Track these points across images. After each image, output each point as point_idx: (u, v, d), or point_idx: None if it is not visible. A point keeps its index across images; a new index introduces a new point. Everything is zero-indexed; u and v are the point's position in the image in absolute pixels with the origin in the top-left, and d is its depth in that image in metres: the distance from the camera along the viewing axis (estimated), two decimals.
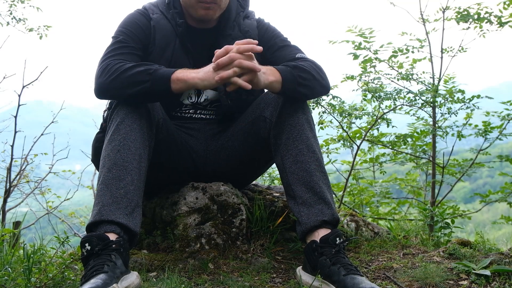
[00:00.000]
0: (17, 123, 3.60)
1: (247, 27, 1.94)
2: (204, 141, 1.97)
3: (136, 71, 1.61)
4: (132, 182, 1.55)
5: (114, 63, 1.66)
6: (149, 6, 1.93)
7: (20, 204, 4.06)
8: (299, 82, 1.67)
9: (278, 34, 1.98)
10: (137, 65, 1.64)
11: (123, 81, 1.61)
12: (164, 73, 1.60)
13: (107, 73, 1.64)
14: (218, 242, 1.82)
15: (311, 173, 1.65)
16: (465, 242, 2.01)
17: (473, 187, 20.04)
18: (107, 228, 1.46)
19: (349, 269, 1.45)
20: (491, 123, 3.42)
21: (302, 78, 1.68)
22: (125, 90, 1.61)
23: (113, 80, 1.62)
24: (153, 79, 1.59)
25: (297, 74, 1.67)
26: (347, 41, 3.27)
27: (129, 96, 1.63)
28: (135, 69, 1.62)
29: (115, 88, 1.62)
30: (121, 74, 1.61)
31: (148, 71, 1.60)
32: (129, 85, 1.60)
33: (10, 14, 5.02)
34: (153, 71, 1.60)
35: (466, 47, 3.35)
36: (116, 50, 1.76)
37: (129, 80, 1.60)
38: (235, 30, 1.92)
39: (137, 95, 1.62)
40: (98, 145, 1.81)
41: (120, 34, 1.82)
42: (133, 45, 1.81)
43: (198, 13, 1.84)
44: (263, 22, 2.01)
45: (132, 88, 1.60)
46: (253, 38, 1.93)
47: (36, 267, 1.55)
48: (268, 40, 1.94)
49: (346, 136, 3.46)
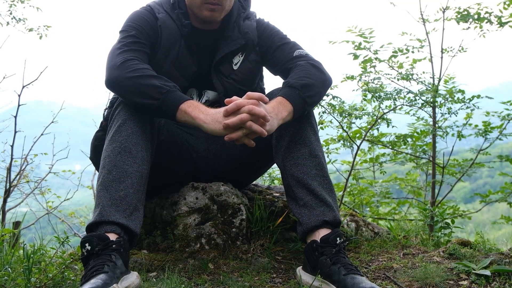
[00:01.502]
0: (17, 123, 3.60)
1: (247, 29, 1.93)
2: (205, 141, 1.97)
3: (151, 84, 1.58)
4: (131, 185, 1.54)
5: (136, 63, 1.64)
6: (154, 5, 1.91)
7: (20, 204, 4.06)
8: (308, 102, 1.66)
9: (276, 32, 1.96)
10: (155, 77, 1.61)
11: (136, 87, 1.59)
12: (175, 99, 1.57)
13: (126, 69, 1.62)
14: (218, 242, 1.82)
15: (312, 177, 1.65)
16: (465, 242, 2.01)
17: (473, 187, 20.05)
18: (108, 228, 1.46)
19: (349, 269, 1.45)
20: (491, 123, 3.42)
21: (310, 96, 1.67)
22: (134, 96, 1.60)
23: (129, 79, 1.60)
24: (163, 100, 1.57)
25: (306, 96, 1.65)
26: (347, 41, 3.27)
27: (135, 104, 1.61)
28: (152, 81, 1.59)
29: (127, 88, 1.61)
30: (138, 79, 1.60)
31: (162, 89, 1.57)
32: (140, 94, 1.58)
33: (10, 14, 5.03)
34: (166, 91, 1.57)
35: (466, 47, 3.36)
36: (130, 45, 1.73)
37: (141, 89, 1.58)
38: (234, 32, 1.91)
39: (141, 106, 1.60)
40: (97, 144, 1.81)
41: (132, 29, 1.79)
42: (144, 42, 1.79)
43: (203, 14, 1.83)
44: (262, 22, 2.00)
45: (140, 98, 1.59)
46: (252, 39, 1.93)
47: (36, 267, 1.55)
48: (267, 39, 1.94)
49: (346, 136, 3.46)
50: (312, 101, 1.68)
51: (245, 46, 1.92)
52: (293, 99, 1.63)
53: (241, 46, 1.91)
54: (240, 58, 1.93)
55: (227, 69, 1.91)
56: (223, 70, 1.90)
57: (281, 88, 1.70)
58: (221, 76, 1.90)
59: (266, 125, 1.53)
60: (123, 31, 1.80)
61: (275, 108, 1.58)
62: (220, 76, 1.90)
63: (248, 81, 1.95)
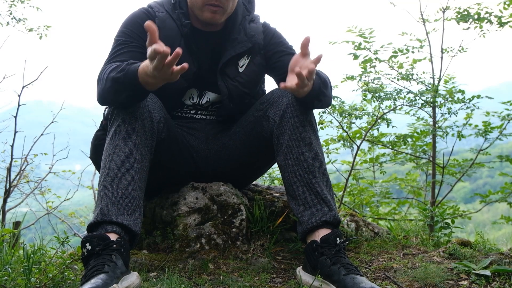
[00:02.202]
0: (17, 123, 3.60)
1: (253, 31, 1.93)
2: (205, 140, 1.97)
3: (111, 69, 1.57)
4: (133, 182, 1.55)
5: (104, 69, 1.63)
6: (155, 5, 1.91)
7: (20, 204, 4.06)
8: (319, 98, 1.67)
9: (284, 41, 1.99)
10: (116, 66, 1.58)
11: (107, 86, 1.58)
12: (135, 69, 1.52)
13: (99, 80, 1.64)
14: (218, 242, 1.82)
15: (313, 174, 1.65)
16: (465, 242, 2.01)
17: (473, 187, 20.06)
18: (108, 228, 1.46)
19: (349, 269, 1.45)
20: (491, 123, 3.42)
21: (323, 94, 1.67)
22: (112, 95, 1.58)
23: (103, 87, 1.60)
24: (125, 74, 1.52)
25: (321, 91, 1.65)
26: (347, 42, 3.28)
27: (120, 102, 1.60)
28: (111, 68, 1.57)
29: (104, 94, 1.60)
30: (106, 80, 1.59)
31: (120, 66, 1.55)
32: (111, 86, 1.56)
33: (10, 14, 5.03)
34: (125, 67, 1.53)
35: (466, 47, 3.36)
36: (115, 53, 1.74)
37: (111, 83, 1.56)
38: (241, 34, 1.91)
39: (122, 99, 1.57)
40: (97, 143, 1.81)
41: (122, 35, 1.80)
42: (136, 43, 1.79)
43: (204, 16, 1.82)
44: (269, 27, 2.01)
45: (115, 95, 1.56)
46: (258, 42, 1.94)
47: (36, 267, 1.55)
48: (275, 46, 1.96)
49: (346, 136, 3.46)
50: (320, 99, 1.68)
51: (251, 49, 1.93)
52: (315, 83, 1.61)
53: (248, 49, 1.91)
54: (246, 61, 1.93)
55: (232, 71, 1.91)
56: (229, 72, 1.90)
57: None
58: (227, 78, 1.90)
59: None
60: (115, 39, 1.81)
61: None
62: (225, 78, 1.90)
63: (252, 84, 1.95)
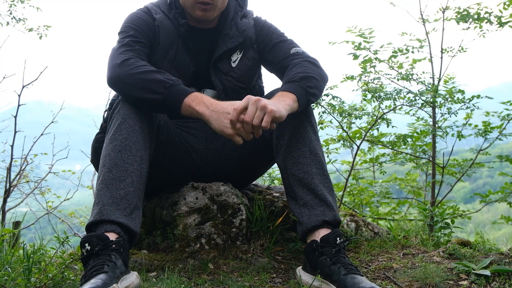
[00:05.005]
0: (17, 123, 3.61)
1: (244, 26, 1.95)
2: (205, 140, 1.97)
3: (155, 79, 1.58)
4: (132, 183, 1.54)
5: (136, 60, 1.65)
6: (151, 6, 1.93)
7: (20, 204, 4.06)
8: (310, 92, 1.66)
9: (274, 29, 1.98)
10: (158, 72, 1.61)
11: (139, 82, 1.59)
12: (180, 92, 1.56)
13: (128, 66, 1.62)
14: (218, 242, 1.82)
15: (313, 176, 1.65)
16: (465, 242, 2.01)
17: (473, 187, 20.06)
18: (107, 227, 1.46)
19: (349, 269, 1.45)
20: (491, 123, 3.42)
21: (310, 87, 1.67)
22: (138, 91, 1.59)
23: (132, 76, 1.60)
24: (167, 94, 1.56)
25: (306, 86, 1.65)
26: (347, 42, 3.27)
27: (138, 100, 1.61)
28: (155, 76, 1.59)
29: (130, 84, 1.60)
30: (141, 74, 1.60)
31: (165, 83, 1.57)
32: (143, 89, 1.58)
33: (10, 14, 5.03)
34: (169, 85, 1.57)
35: (466, 47, 3.36)
36: (129, 44, 1.74)
37: (145, 84, 1.58)
38: (232, 30, 1.93)
39: (145, 101, 1.60)
40: (98, 146, 1.80)
41: (130, 29, 1.80)
42: (143, 41, 1.80)
43: (195, 14, 1.85)
44: (259, 20, 2.01)
45: (144, 93, 1.58)
46: (250, 36, 1.94)
47: (36, 267, 1.55)
48: (264, 37, 1.95)
49: (346, 136, 3.46)
50: (313, 92, 1.67)
51: (243, 44, 1.93)
52: (294, 89, 1.62)
53: (239, 44, 1.92)
54: (238, 56, 1.94)
55: (225, 66, 1.91)
56: (222, 67, 1.91)
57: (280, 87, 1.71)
58: (220, 73, 1.91)
59: (275, 112, 1.48)
60: (122, 32, 1.81)
61: (277, 98, 1.57)
62: (218, 73, 1.91)
63: (247, 79, 1.96)
